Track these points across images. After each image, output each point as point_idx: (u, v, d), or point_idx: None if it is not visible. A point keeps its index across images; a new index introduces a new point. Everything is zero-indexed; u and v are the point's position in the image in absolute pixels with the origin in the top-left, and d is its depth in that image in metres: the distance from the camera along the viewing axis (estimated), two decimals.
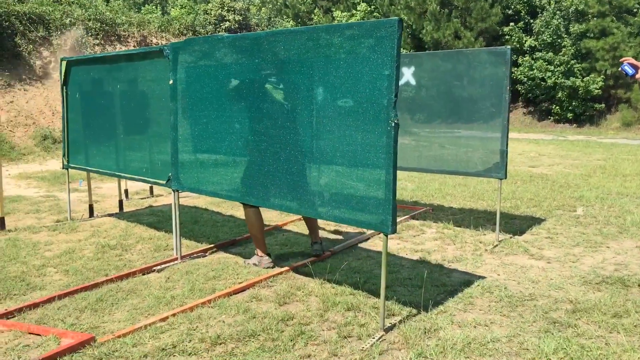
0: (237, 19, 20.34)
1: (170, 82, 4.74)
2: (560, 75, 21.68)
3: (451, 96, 5.76)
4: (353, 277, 4.41)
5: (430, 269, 4.63)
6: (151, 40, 17.29)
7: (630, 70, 3.29)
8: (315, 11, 31.29)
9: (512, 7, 24.86)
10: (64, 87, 6.33)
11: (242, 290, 4.13)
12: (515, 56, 24.07)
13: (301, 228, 5.97)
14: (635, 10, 21.43)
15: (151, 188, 8.28)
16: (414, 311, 3.71)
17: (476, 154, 5.51)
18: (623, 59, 3.37)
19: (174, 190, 4.91)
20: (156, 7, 25.05)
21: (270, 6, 33.12)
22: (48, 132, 13.45)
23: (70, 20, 15.67)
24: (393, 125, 3.21)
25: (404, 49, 23.19)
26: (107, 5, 17.07)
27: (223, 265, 4.69)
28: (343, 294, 4.03)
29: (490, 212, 6.71)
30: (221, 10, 19.75)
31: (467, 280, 4.34)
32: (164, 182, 4.96)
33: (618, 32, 20.59)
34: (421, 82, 5.84)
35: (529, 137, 19.81)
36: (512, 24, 24.14)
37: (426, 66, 5.80)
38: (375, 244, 5.42)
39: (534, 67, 22.39)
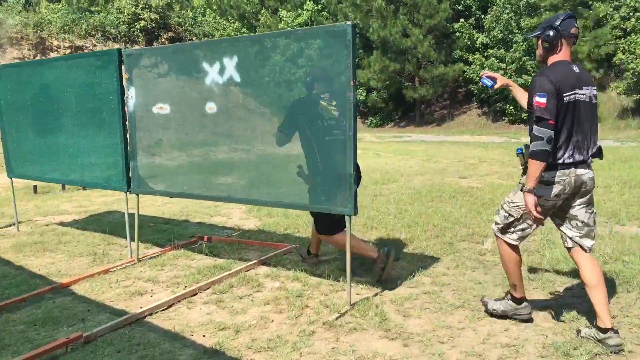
0: (153, 17, 18.29)
1: None
2: (512, 73, 20.34)
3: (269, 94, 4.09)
4: None
5: None
6: (51, 43, 15.26)
7: (489, 82, 3.33)
8: (262, 12, 29.60)
9: (463, 2, 23.49)
10: None
11: None
12: (467, 54, 22.71)
13: (94, 292, 4.23)
14: (590, 2, 20.20)
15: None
16: None
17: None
18: (482, 73, 3.39)
19: None
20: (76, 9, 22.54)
21: (215, 7, 31.24)
22: None
23: None
24: None
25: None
26: None
27: None
28: None
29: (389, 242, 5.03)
30: (135, 9, 17.69)
31: None
32: None
33: None
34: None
35: (480, 140, 18.39)
36: (462, 20, 22.76)
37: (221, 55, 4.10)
38: (174, 316, 3.72)
39: (485, 65, 21.01)
